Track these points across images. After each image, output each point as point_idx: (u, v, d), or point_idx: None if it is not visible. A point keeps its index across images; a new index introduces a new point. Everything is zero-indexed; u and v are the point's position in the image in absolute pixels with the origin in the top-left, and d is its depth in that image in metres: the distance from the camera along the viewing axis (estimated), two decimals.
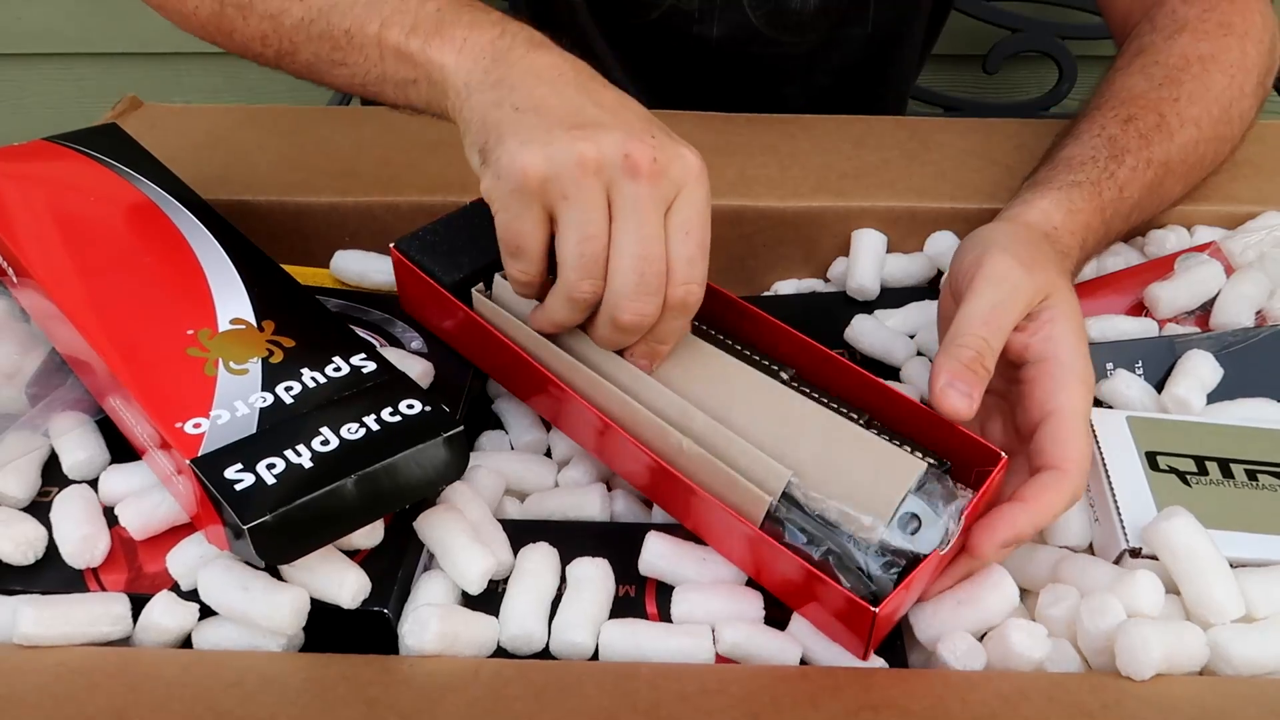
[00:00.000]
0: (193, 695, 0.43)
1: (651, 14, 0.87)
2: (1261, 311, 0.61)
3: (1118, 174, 0.62)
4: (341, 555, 0.48)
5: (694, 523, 0.49)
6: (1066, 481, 0.47)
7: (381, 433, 0.47)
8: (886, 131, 0.77)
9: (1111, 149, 0.63)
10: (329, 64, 0.56)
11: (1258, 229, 0.66)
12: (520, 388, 0.56)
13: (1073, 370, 0.49)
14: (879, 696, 0.43)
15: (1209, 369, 0.57)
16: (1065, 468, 0.47)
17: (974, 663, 0.45)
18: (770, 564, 0.46)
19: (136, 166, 0.62)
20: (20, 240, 0.56)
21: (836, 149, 0.75)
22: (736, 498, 0.46)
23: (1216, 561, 0.46)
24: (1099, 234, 0.61)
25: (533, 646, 0.47)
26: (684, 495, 0.48)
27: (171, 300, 0.53)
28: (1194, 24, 0.68)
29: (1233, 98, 0.67)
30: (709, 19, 0.86)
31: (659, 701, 0.43)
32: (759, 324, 0.55)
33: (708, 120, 0.79)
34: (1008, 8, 1.18)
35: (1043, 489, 0.46)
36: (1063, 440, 0.47)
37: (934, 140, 0.76)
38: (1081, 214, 0.59)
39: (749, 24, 0.86)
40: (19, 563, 0.49)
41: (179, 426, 0.46)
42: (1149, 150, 0.63)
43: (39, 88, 1.44)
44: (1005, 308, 0.49)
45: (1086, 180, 0.61)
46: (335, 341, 0.51)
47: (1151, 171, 0.63)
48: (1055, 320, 0.50)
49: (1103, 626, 0.45)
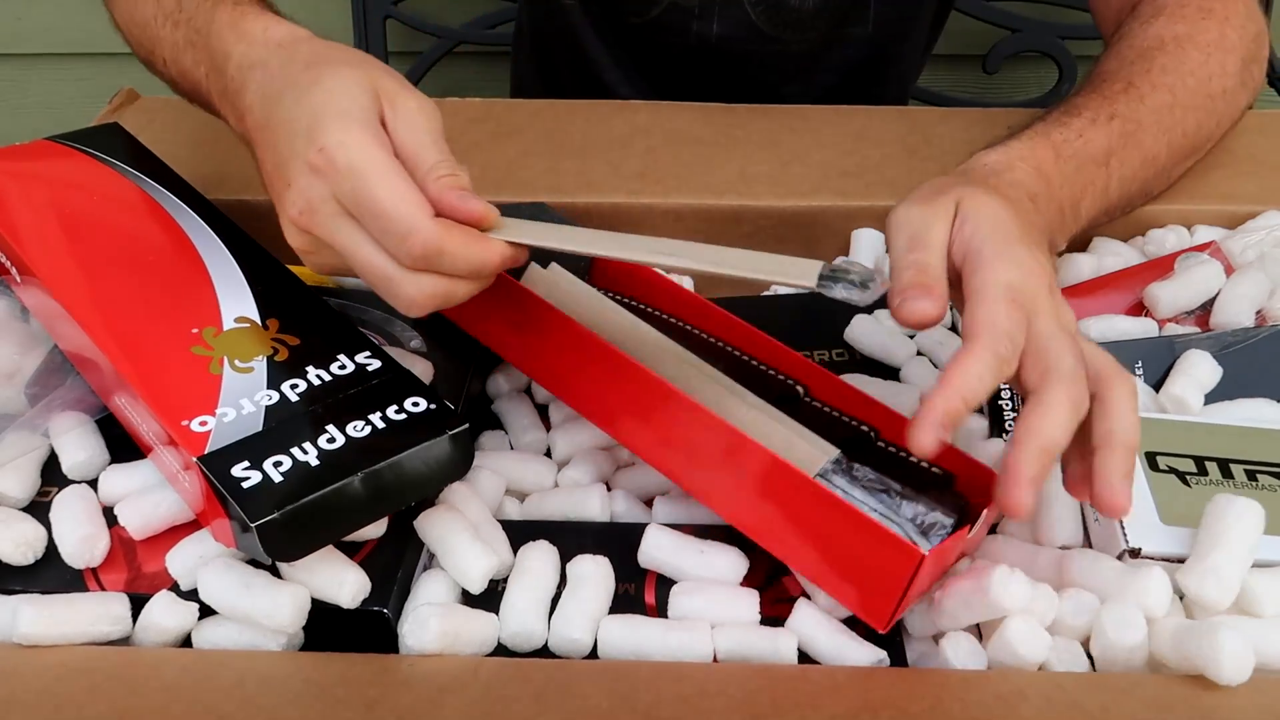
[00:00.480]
0: (193, 695, 0.43)
1: (651, 11, 0.87)
2: (1261, 311, 0.61)
3: (1071, 123, 0.61)
4: (341, 555, 0.48)
5: (736, 483, 0.49)
6: (977, 346, 0.44)
7: (387, 430, 0.47)
8: (887, 124, 0.77)
9: (1066, 107, 0.62)
10: None
11: (1258, 229, 0.66)
12: (567, 367, 0.55)
13: (985, 252, 0.47)
14: (878, 697, 0.43)
15: (1207, 369, 0.56)
16: (975, 333, 0.45)
17: (974, 663, 0.45)
18: (815, 518, 0.46)
19: (139, 165, 0.62)
20: (24, 239, 0.56)
21: (837, 143, 0.75)
22: (791, 456, 0.47)
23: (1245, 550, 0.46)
24: (1059, 166, 0.59)
25: (533, 644, 0.47)
26: (737, 453, 0.48)
27: (176, 299, 0.53)
28: (1171, 8, 0.69)
29: (1211, 73, 0.67)
30: (709, 16, 0.86)
31: (658, 702, 0.43)
32: (774, 349, 0.57)
33: (708, 112, 0.78)
34: (1008, 8, 1.18)
35: (955, 362, 0.44)
36: (973, 310, 0.45)
37: (935, 133, 0.76)
38: (1021, 149, 0.58)
39: (749, 21, 0.86)
40: (19, 563, 0.49)
41: (185, 424, 0.46)
42: (1111, 106, 0.63)
43: (39, 88, 1.44)
44: (920, 233, 0.48)
45: (1031, 130, 0.60)
46: (340, 339, 0.51)
47: (1118, 123, 0.62)
48: (965, 220, 0.48)
49: (1128, 640, 0.44)
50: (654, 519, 0.53)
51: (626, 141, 0.76)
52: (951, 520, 0.48)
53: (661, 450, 0.51)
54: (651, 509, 0.54)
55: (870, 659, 0.46)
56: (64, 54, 1.40)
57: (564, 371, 0.54)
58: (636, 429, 0.52)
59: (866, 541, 0.45)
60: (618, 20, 0.90)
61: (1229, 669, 0.42)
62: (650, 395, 0.50)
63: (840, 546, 0.46)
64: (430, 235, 0.46)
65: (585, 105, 0.80)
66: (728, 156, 0.73)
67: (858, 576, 0.46)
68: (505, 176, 0.72)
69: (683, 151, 0.74)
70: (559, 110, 0.80)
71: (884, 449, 0.52)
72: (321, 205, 0.48)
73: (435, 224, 0.47)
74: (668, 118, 0.78)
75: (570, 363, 0.53)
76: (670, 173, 0.72)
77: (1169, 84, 0.65)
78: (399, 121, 0.50)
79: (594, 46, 0.91)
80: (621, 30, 0.90)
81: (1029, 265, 0.47)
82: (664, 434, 0.51)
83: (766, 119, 0.78)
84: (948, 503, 0.48)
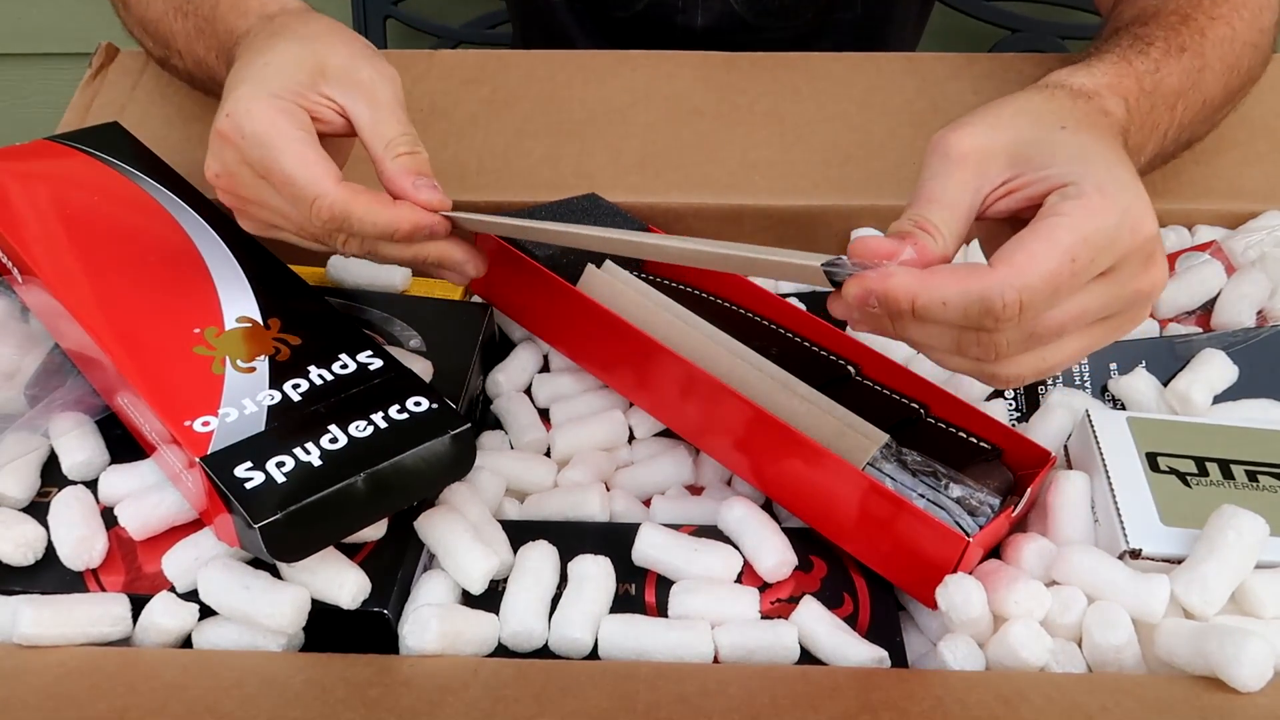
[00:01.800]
0: (193, 695, 0.43)
1: (636, 5, 0.87)
2: (1262, 311, 0.61)
3: (1149, 51, 0.56)
4: (341, 556, 0.48)
5: (782, 471, 0.51)
6: (986, 293, 0.40)
7: (390, 430, 0.47)
8: (894, 83, 0.75)
9: (1134, 38, 0.57)
10: None
11: (1259, 228, 0.66)
12: (622, 360, 0.57)
13: (1071, 191, 0.42)
14: (878, 697, 0.43)
15: (1219, 369, 0.56)
16: (999, 274, 0.40)
17: (974, 663, 0.45)
18: (863, 505, 0.48)
19: (139, 165, 0.62)
20: (25, 239, 0.56)
21: (842, 113, 0.74)
22: (842, 445, 0.49)
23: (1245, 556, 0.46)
24: (1141, 103, 0.54)
25: (533, 643, 0.47)
26: (788, 445, 0.50)
27: (177, 298, 0.53)
28: None
29: (1262, 4, 0.63)
30: (692, 9, 0.86)
31: (658, 702, 0.43)
32: (823, 330, 0.59)
33: (709, 62, 0.77)
34: (1008, 8, 1.18)
35: (955, 276, 0.40)
36: (1023, 244, 0.40)
37: (944, 95, 0.74)
38: (1108, 75, 0.53)
39: (733, 12, 0.86)
40: (19, 563, 0.49)
41: (188, 425, 0.46)
42: (1179, 37, 0.58)
43: (39, 88, 1.44)
44: (933, 188, 0.44)
45: (1111, 52, 0.55)
46: (342, 339, 0.51)
47: (1188, 58, 0.58)
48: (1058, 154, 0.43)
49: (1113, 640, 0.45)
50: (653, 519, 0.53)
51: (626, 115, 0.74)
52: (997, 500, 0.50)
53: (736, 454, 0.53)
54: (650, 509, 0.54)
55: (870, 658, 0.46)
56: (63, 54, 1.40)
57: (635, 379, 0.56)
58: (713, 438, 0.53)
59: (915, 528, 0.47)
60: (603, 15, 0.90)
61: (1248, 674, 0.42)
62: (714, 401, 0.52)
63: (891, 533, 0.48)
64: (335, 200, 0.48)
65: (584, 57, 0.79)
66: (729, 133, 0.72)
67: (909, 561, 0.48)
68: (503, 166, 0.71)
69: (683, 130, 0.73)
70: (554, 68, 0.77)
71: (934, 425, 0.54)
72: (237, 169, 0.50)
73: (340, 189, 0.48)
74: (673, 65, 0.77)
75: (641, 371, 0.55)
76: (670, 163, 0.72)
77: (1224, 14, 0.61)
78: (355, 93, 0.51)
79: (580, 42, 0.92)
80: (607, 25, 0.90)
81: (1126, 205, 0.42)
82: (734, 439, 0.52)
83: (770, 75, 0.76)
84: (995, 478, 0.51)
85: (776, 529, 0.50)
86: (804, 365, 0.55)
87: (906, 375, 0.56)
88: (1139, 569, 0.47)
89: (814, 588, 0.49)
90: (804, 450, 0.49)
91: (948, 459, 0.51)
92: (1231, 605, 0.46)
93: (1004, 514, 0.49)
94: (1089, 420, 0.53)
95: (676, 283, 0.63)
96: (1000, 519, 0.48)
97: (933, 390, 0.55)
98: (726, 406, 0.51)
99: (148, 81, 0.77)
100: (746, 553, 0.50)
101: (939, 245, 0.43)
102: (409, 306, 0.62)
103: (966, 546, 0.46)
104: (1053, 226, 0.41)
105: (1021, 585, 0.46)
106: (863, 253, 0.43)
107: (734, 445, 0.52)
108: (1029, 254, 0.41)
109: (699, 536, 0.51)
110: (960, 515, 0.49)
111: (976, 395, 0.58)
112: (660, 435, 0.58)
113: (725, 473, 0.57)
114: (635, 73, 0.77)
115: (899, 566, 0.48)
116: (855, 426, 0.50)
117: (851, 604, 0.49)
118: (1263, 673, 0.42)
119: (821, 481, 0.49)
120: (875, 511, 0.48)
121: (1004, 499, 0.50)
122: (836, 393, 0.53)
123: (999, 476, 0.51)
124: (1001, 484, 0.51)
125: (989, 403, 0.58)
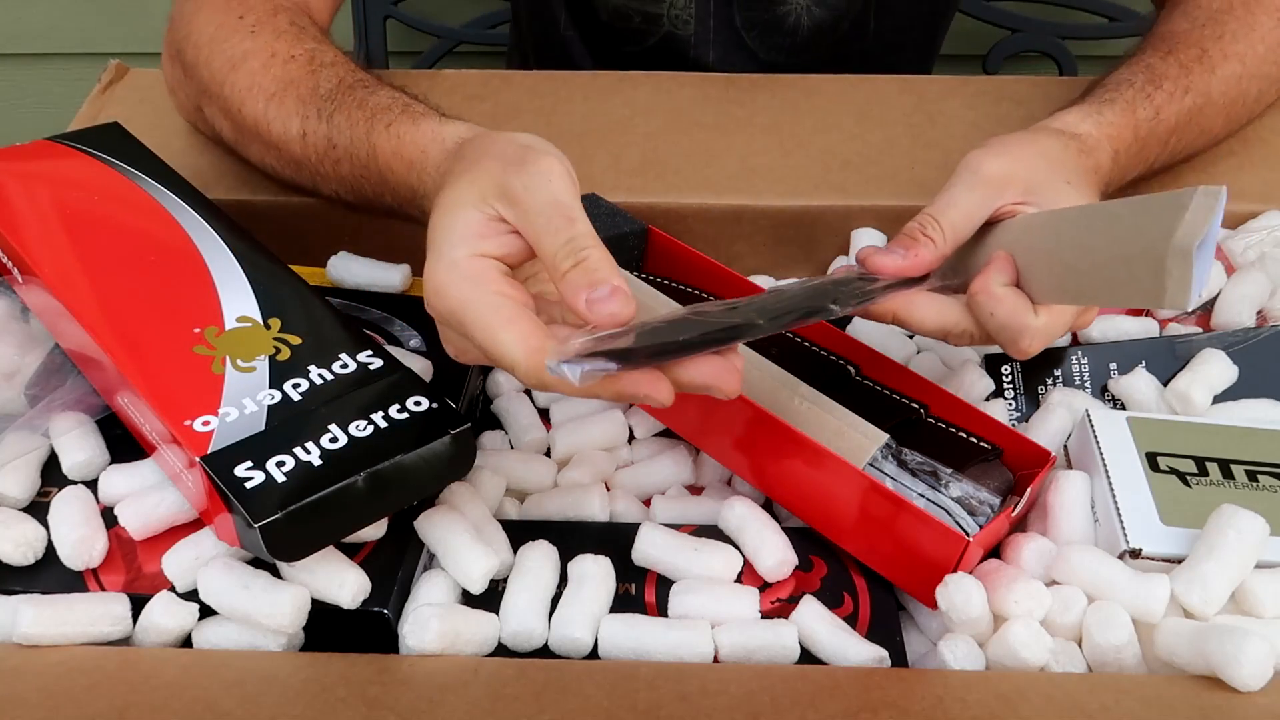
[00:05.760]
0: (193, 695, 0.43)
1: (648, 40, 0.87)
2: (1262, 311, 0.61)
3: (1154, 96, 0.62)
4: (341, 555, 0.48)
5: (783, 471, 0.51)
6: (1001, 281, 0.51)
7: (390, 430, 0.47)
8: (890, 100, 0.76)
9: (1149, 75, 0.63)
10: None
11: (1258, 229, 0.66)
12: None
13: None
14: (878, 697, 0.43)
15: (1219, 369, 0.56)
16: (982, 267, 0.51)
17: (974, 663, 0.45)
18: (863, 505, 0.48)
19: (140, 165, 0.62)
20: (26, 239, 0.56)
21: (839, 125, 0.74)
22: (842, 445, 0.50)
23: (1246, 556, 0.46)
24: (1132, 149, 0.62)
25: (533, 643, 0.47)
26: (788, 445, 0.50)
27: (177, 298, 0.53)
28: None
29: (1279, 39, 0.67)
30: (704, 45, 0.86)
31: (659, 702, 0.43)
32: (824, 330, 0.59)
33: (708, 80, 0.78)
34: (1008, 8, 1.18)
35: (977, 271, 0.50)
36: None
37: (940, 112, 0.75)
38: (1112, 125, 0.60)
39: (745, 47, 0.86)
40: (19, 563, 0.49)
41: (188, 424, 0.46)
42: (1188, 79, 0.64)
43: (39, 88, 1.44)
44: (957, 195, 0.53)
45: (1120, 99, 0.62)
46: (342, 338, 0.51)
47: (1190, 98, 0.64)
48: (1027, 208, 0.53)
49: (1113, 640, 0.45)
50: (653, 519, 0.53)
51: (626, 126, 0.75)
52: (998, 499, 0.50)
53: (736, 454, 0.53)
54: (650, 509, 0.54)
55: (870, 657, 0.46)
56: (63, 54, 1.40)
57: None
58: (713, 438, 0.54)
59: (915, 528, 0.47)
60: (615, 51, 0.90)
61: (1248, 673, 0.42)
62: (714, 400, 0.50)
63: (892, 533, 0.48)
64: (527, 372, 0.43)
65: (586, 78, 0.79)
66: (729, 142, 0.72)
67: (909, 561, 0.48)
68: None
69: (683, 139, 0.74)
70: (558, 86, 0.78)
71: (934, 424, 0.55)
72: (459, 342, 0.47)
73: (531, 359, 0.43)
74: (673, 85, 0.78)
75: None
76: (670, 167, 0.72)
77: (1239, 53, 0.66)
78: (514, 210, 0.46)
79: None
80: (619, 60, 0.89)
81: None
82: (734, 439, 0.53)
83: (769, 95, 0.77)
84: (995, 477, 0.51)
85: (777, 529, 0.50)
86: (804, 365, 0.55)
87: (906, 375, 0.56)
88: (1139, 569, 0.47)
89: (814, 587, 0.50)
90: (804, 450, 0.49)
91: (948, 459, 0.51)
92: (1231, 605, 0.46)
93: (1004, 514, 0.49)
94: (1089, 420, 0.53)
95: (677, 283, 0.63)
96: (1000, 519, 0.49)
97: (932, 390, 0.55)
98: (726, 406, 0.51)
99: (156, 97, 0.77)
100: (747, 552, 0.50)
101: (934, 251, 0.51)
102: (409, 306, 0.62)
103: (966, 546, 0.46)
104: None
105: (1021, 585, 0.46)
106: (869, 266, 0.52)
107: (734, 445, 0.52)
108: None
109: (699, 536, 0.51)
110: (960, 515, 0.49)
111: (976, 395, 0.58)
112: (660, 435, 0.58)
113: (725, 473, 0.57)
114: (636, 90, 0.78)
115: (899, 566, 0.49)
116: (855, 426, 0.51)
117: (851, 604, 0.49)
118: (1263, 672, 0.42)
119: (821, 481, 0.49)
120: (875, 511, 0.48)
121: (1004, 499, 0.51)
122: (836, 393, 0.53)
123: (999, 476, 0.52)
124: (1001, 484, 0.51)
125: (989, 402, 0.58)
